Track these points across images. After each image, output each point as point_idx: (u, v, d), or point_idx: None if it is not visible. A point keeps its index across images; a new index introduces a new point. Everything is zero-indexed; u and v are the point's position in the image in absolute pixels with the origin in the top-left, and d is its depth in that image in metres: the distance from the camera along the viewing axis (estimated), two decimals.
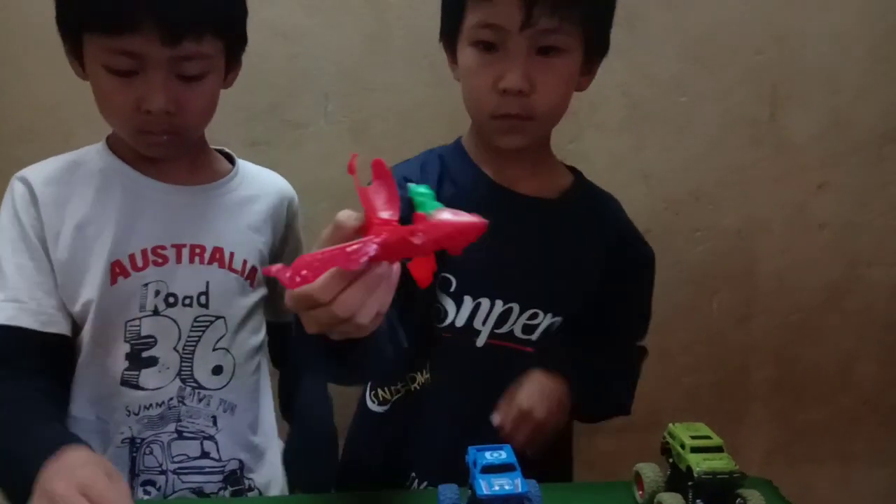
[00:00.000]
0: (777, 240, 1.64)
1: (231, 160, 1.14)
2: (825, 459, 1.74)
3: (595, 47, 1.03)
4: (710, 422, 1.33)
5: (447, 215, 0.63)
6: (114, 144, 1.05)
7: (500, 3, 0.95)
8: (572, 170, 1.17)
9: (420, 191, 0.65)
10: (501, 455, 0.75)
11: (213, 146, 1.14)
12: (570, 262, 1.08)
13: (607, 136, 1.56)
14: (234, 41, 1.01)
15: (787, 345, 1.69)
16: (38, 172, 1.03)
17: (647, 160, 1.58)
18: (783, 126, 1.58)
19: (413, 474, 1.07)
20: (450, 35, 1.04)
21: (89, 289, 0.99)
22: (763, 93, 1.56)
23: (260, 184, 1.13)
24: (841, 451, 1.74)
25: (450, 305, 1.05)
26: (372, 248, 0.60)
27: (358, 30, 1.46)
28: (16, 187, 1.01)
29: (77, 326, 1.00)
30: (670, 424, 0.87)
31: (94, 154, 1.05)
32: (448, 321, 1.05)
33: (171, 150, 1.01)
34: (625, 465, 1.63)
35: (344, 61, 1.48)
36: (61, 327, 0.99)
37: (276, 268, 0.61)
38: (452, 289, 1.04)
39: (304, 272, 0.60)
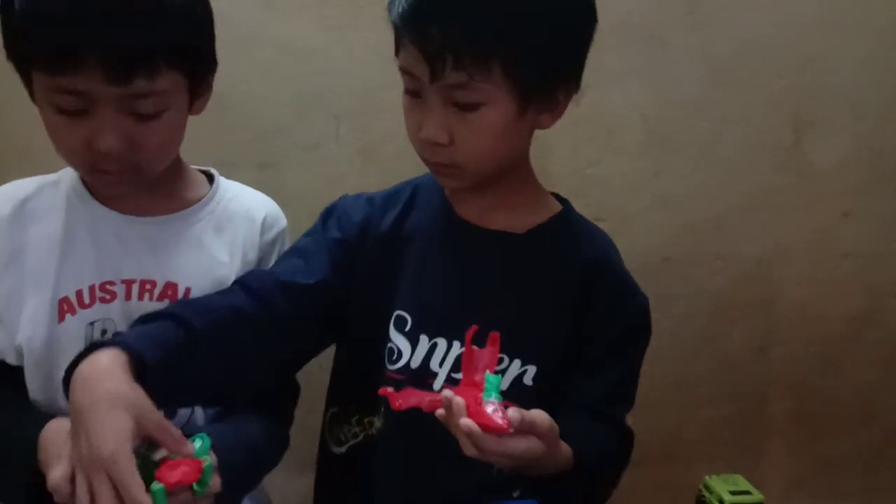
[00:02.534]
0: (799, 269, 1.60)
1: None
2: (847, 494, 1.69)
3: (536, 92, 0.91)
4: (728, 454, 1.28)
5: (490, 409, 0.78)
6: None
7: (411, 52, 0.89)
8: (563, 201, 1.08)
9: (491, 380, 0.81)
10: None
11: (198, 167, 1.08)
12: (536, 302, 0.99)
13: (626, 160, 1.52)
14: (197, 70, 0.93)
15: (808, 376, 1.64)
16: (4, 192, 1.00)
17: (666, 185, 1.54)
18: (807, 152, 1.54)
19: None
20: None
21: (32, 325, 0.94)
22: (787, 118, 1.53)
23: (233, 208, 1.06)
24: (863, 485, 1.70)
25: (404, 345, 0.98)
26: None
27: (369, 49, 1.43)
28: None
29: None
30: (707, 477, 0.83)
31: (66, 177, 1.01)
32: (402, 362, 0.98)
33: (129, 188, 0.95)
34: (638, 499, 1.59)
35: (355, 81, 1.44)
36: (11, 358, 0.96)
37: (384, 390, 0.85)
38: (408, 328, 0.99)
39: (400, 401, 0.83)
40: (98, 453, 0.69)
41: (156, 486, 0.72)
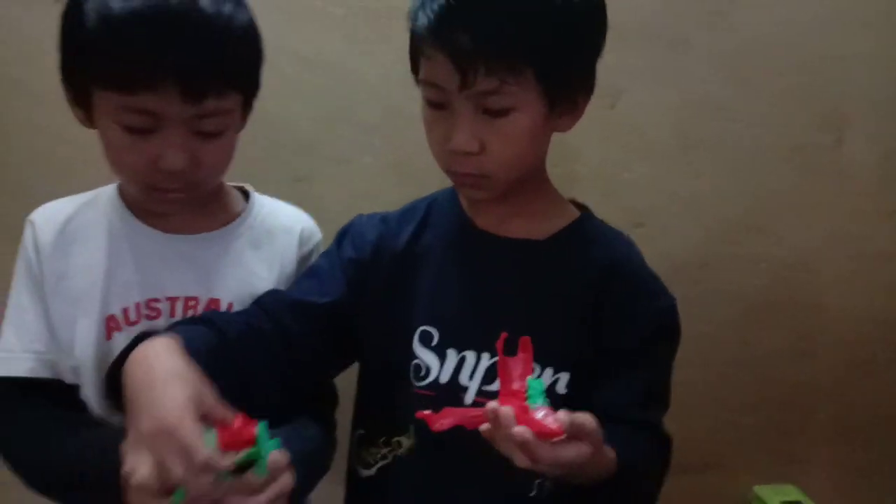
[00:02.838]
0: (837, 272, 1.58)
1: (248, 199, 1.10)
2: (891, 500, 1.65)
3: (563, 95, 0.92)
4: (766, 463, 1.25)
5: (540, 415, 0.75)
6: (123, 186, 1.02)
7: (437, 62, 0.89)
8: (582, 208, 1.07)
9: (534, 385, 0.79)
10: None
11: (233, 184, 1.09)
12: (561, 308, 0.98)
13: (658, 164, 1.51)
14: (252, 90, 0.96)
15: (848, 381, 1.62)
16: (45, 215, 1.01)
17: (700, 189, 1.53)
18: (845, 152, 1.52)
19: None
20: (417, 86, 0.98)
21: (82, 344, 0.96)
22: (822, 117, 1.51)
23: (270, 223, 1.07)
24: None
25: (432, 361, 0.97)
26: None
27: (399, 60, 1.43)
28: (26, 229, 1.00)
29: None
30: (756, 487, 0.81)
31: (105, 196, 1.02)
32: (431, 378, 0.97)
33: (183, 205, 0.97)
34: None
35: (386, 94, 1.44)
36: (68, 376, 0.98)
37: (423, 413, 0.81)
38: (434, 342, 0.98)
39: (439, 422, 0.79)
40: (162, 422, 0.69)
41: (207, 433, 0.71)
